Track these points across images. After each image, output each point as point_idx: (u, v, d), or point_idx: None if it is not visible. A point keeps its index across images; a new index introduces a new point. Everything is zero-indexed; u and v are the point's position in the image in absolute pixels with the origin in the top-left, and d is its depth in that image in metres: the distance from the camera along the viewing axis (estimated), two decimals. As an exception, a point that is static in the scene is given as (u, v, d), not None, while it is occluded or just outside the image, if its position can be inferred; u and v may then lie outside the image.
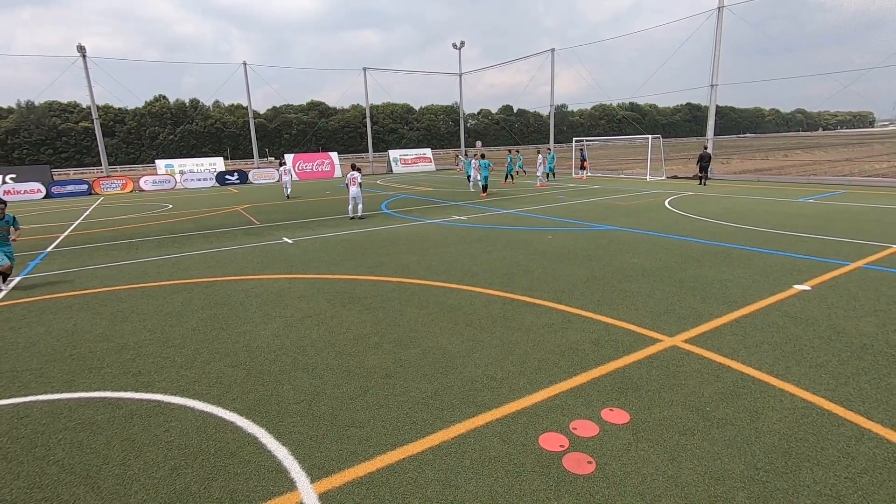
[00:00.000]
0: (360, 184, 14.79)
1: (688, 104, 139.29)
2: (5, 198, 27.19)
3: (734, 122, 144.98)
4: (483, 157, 20.64)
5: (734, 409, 3.86)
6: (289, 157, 35.56)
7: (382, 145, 76.57)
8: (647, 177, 25.85)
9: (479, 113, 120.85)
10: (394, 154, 41.21)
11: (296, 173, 34.99)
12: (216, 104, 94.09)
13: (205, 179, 33.06)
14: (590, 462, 3.28)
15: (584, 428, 3.66)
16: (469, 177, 27.78)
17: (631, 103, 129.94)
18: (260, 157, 42.61)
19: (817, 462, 3.21)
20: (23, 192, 28.07)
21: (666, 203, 15.98)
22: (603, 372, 4.53)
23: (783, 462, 3.22)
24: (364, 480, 3.19)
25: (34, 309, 7.13)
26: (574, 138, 31.98)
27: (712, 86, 24.45)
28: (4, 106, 78.00)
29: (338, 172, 37.34)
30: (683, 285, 7.03)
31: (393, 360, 4.95)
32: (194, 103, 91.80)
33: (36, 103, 77.11)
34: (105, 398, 4.41)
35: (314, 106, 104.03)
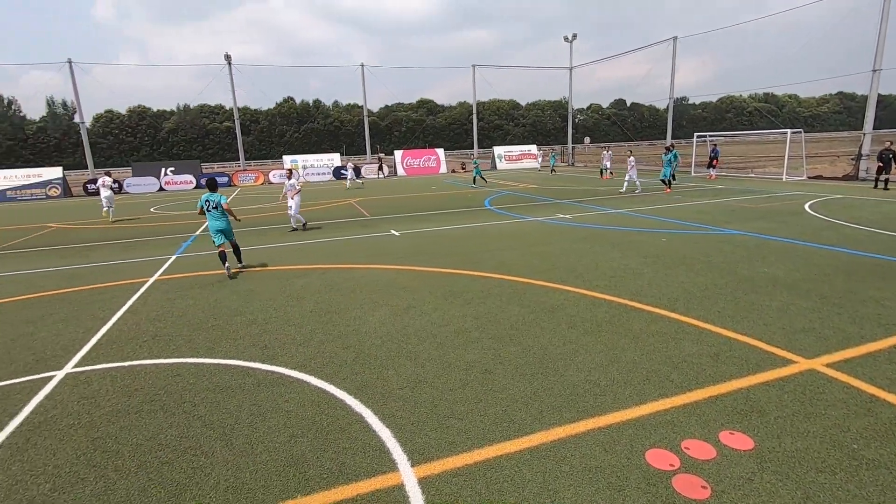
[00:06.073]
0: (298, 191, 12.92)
1: (839, 93, 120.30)
2: (167, 188, 32.00)
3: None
4: (672, 147, 19.34)
5: (891, 451, 3.29)
6: (398, 154, 37.54)
7: (487, 142, 76.77)
8: (784, 177, 22.92)
9: (588, 108, 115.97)
10: (498, 150, 41.21)
11: (403, 169, 36.88)
12: (335, 104, 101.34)
13: (323, 174, 35.86)
14: (704, 487, 3.00)
15: (699, 449, 3.36)
16: (602, 171, 27.22)
17: (765, 94, 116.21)
18: (371, 153, 45.12)
19: None
20: (179, 182, 32.80)
21: (806, 206, 14.04)
22: (722, 390, 4.12)
23: (958, 522, 2.68)
24: (462, 471, 3.24)
25: (185, 284, 8.29)
26: (696, 133, 29.44)
27: (874, 71, 20.91)
28: (167, 109, 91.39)
29: (443, 168, 38.31)
30: (827, 301, 6.13)
31: (493, 356, 4.97)
32: (317, 104, 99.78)
33: (191, 106, 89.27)
34: (238, 366, 4.99)
35: (423, 104, 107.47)
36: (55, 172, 32.21)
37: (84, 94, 44.78)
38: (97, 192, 30.02)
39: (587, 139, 41.69)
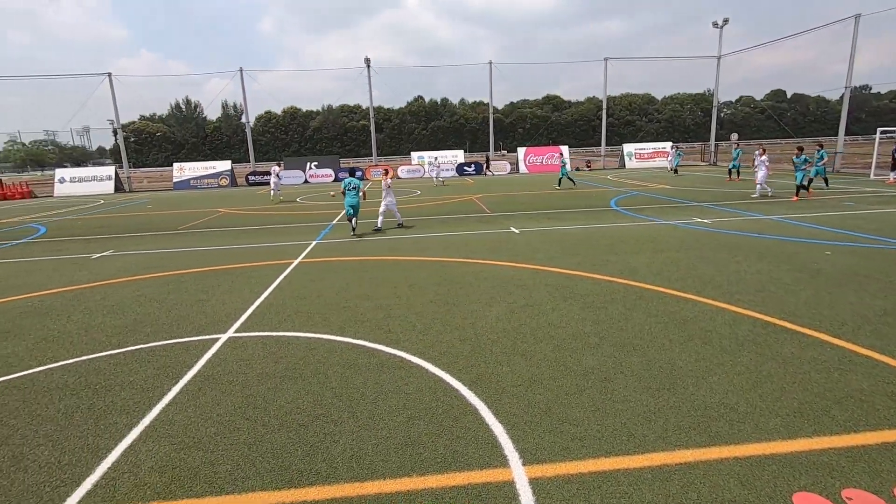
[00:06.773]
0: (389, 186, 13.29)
1: None
2: (311, 180, 35.69)
3: None
4: (803, 150, 16.93)
5: None
6: (520, 151, 37.36)
7: (616, 139, 72.72)
8: None
9: (737, 101, 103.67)
10: (628, 148, 38.82)
11: (525, 166, 36.65)
12: (461, 102, 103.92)
13: (447, 170, 36.96)
14: (871, 547, 2.54)
15: (865, 502, 2.85)
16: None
17: None
18: (495, 150, 45.46)
19: None
20: (320, 175, 36.35)
21: None
22: (902, 437, 3.43)
23: None
24: (575, 478, 3.15)
25: (322, 268, 9.18)
26: (879, 129, 24.71)
27: None
28: (314, 109, 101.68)
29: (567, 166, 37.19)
30: None
31: (613, 364, 4.72)
32: (444, 102, 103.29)
33: (333, 107, 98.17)
34: (365, 346, 5.40)
35: (549, 100, 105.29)
36: (225, 165, 37.72)
37: (249, 98, 51.52)
38: (259, 183, 35.02)
39: (734, 136, 37.18)
